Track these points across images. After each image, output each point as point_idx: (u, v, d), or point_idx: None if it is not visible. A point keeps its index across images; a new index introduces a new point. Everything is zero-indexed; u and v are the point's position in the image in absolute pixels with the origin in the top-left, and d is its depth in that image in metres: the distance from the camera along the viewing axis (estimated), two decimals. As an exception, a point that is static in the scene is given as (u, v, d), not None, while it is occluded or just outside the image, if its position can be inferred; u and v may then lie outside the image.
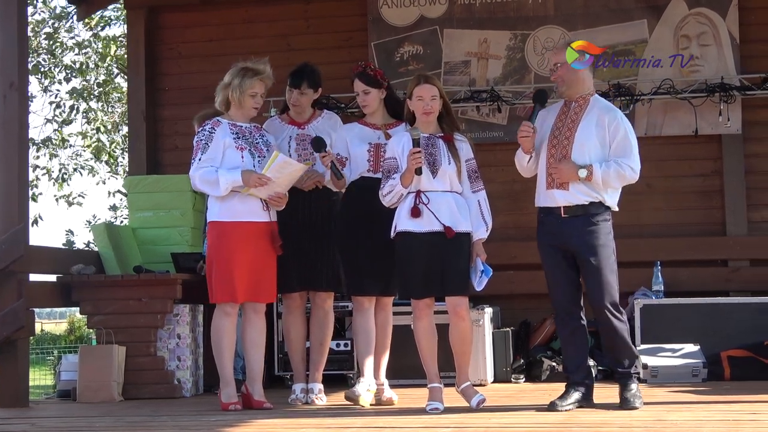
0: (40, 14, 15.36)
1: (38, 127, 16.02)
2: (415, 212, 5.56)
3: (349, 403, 5.93)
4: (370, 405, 5.89)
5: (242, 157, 5.85)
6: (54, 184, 16.11)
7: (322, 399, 6.17)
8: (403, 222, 5.62)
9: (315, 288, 6.23)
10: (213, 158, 5.83)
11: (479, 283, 5.61)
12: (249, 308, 5.96)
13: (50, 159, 16.13)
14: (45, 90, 15.60)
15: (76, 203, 16.37)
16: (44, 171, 16.10)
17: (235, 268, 5.82)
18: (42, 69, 15.40)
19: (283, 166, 5.81)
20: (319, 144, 6.00)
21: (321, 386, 6.24)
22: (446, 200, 5.59)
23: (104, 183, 16.94)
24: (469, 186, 5.68)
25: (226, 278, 5.83)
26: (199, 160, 5.84)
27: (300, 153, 6.20)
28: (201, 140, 5.87)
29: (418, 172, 5.53)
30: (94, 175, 16.54)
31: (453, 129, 5.73)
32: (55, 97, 15.72)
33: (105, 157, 16.18)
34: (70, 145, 16.30)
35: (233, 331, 5.94)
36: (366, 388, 5.90)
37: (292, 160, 5.95)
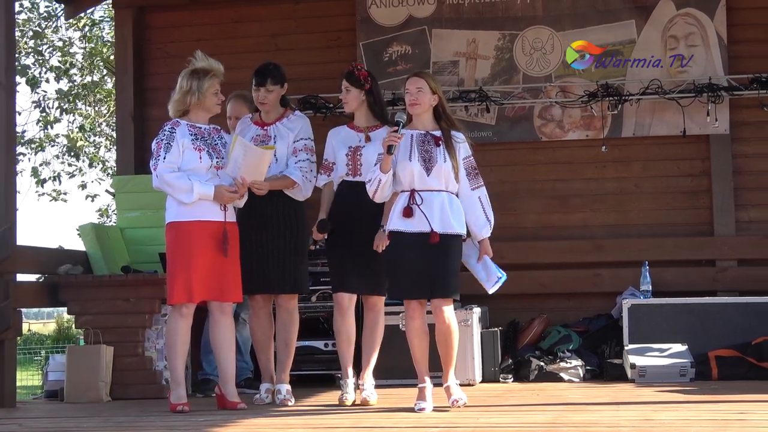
0: (26, 14, 15.29)
1: (24, 125, 15.88)
2: (407, 212, 5.55)
3: (337, 403, 5.95)
4: (351, 403, 5.92)
5: (200, 158, 5.85)
6: (38, 184, 16.03)
7: (290, 401, 6.12)
8: (393, 222, 5.62)
9: (275, 291, 6.20)
10: (174, 160, 5.84)
11: (491, 286, 5.64)
12: (215, 308, 5.93)
13: (35, 153, 16.06)
14: (32, 86, 15.46)
15: (61, 199, 16.28)
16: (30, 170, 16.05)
17: (194, 267, 5.79)
18: (30, 72, 15.29)
19: (244, 149, 5.80)
20: (322, 226, 6.04)
21: (288, 387, 6.19)
22: (440, 200, 5.57)
23: (84, 187, 16.49)
24: (468, 183, 5.65)
25: (184, 278, 5.80)
26: (164, 159, 5.83)
27: None
28: (162, 140, 5.87)
29: (389, 150, 5.54)
30: (82, 174, 16.44)
31: (450, 127, 5.72)
32: (42, 98, 15.64)
33: (83, 156, 16.09)
34: (56, 144, 16.23)
35: (188, 332, 5.91)
36: (349, 389, 5.95)
37: (253, 144, 5.89)
